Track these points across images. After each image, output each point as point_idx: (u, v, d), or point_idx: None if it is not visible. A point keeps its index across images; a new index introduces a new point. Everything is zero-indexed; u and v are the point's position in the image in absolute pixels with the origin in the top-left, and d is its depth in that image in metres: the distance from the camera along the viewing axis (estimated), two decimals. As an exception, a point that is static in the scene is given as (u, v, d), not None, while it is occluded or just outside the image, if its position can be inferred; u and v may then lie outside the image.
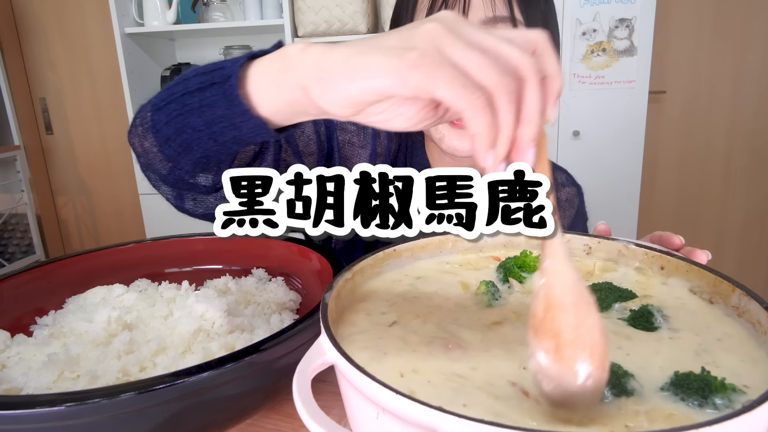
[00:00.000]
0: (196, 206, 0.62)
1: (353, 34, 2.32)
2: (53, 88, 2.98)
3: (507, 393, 0.34)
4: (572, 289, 0.32)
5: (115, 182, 3.07)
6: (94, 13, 2.80)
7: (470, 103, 0.30)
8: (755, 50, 2.55)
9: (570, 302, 0.32)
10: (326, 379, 0.42)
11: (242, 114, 0.43)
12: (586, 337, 0.31)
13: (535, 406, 0.32)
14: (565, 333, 0.31)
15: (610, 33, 2.18)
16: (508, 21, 0.66)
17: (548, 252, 0.33)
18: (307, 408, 0.30)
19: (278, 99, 0.41)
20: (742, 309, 0.41)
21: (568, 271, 0.32)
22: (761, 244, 2.75)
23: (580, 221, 0.92)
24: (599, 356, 0.31)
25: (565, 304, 0.32)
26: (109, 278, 0.66)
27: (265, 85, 0.42)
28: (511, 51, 0.32)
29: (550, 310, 0.32)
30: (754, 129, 2.63)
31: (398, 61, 0.32)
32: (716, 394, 0.32)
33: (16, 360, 0.51)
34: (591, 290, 0.46)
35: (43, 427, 0.36)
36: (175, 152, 0.50)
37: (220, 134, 0.45)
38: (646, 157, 2.40)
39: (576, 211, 0.91)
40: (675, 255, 0.49)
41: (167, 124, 0.48)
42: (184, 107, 0.46)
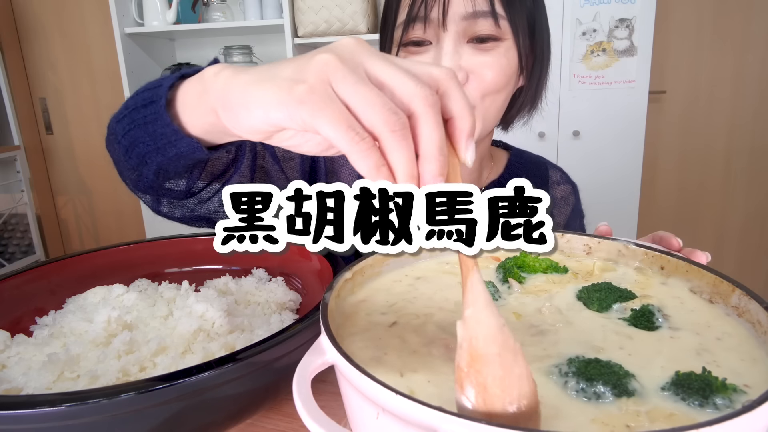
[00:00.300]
0: (173, 210, 0.64)
1: (353, 34, 2.32)
2: (53, 88, 2.99)
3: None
4: (495, 339, 0.30)
5: (115, 182, 3.03)
6: (94, 13, 2.81)
7: (353, 145, 0.30)
8: (755, 50, 2.55)
9: (494, 353, 0.30)
10: (326, 379, 0.42)
11: (174, 133, 0.45)
12: (513, 389, 0.29)
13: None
14: (491, 387, 0.29)
15: (610, 33, 2.18)
16: (489, 16, 0.65)
17: (469, 300, 0.31)
18: (307, 408, 0.30)
19: (200, 121, 0.42)
20: (742, 309, 0.41)
21: (490, 319, 0.31)
22: (761, 244, 2.75)
23: (576, 218, 0.92)
24: (528, 407, 0.30)
25: (489, 355, 0.30)
26: (109, 278, 0.66)
27: (188, 106, 0.43)
28: (406, 85, 0.30)
29: (474, 363, 0.30)
30: (754, 129, 2.63)
31: (286, 95, 0.31)
32: (717, 394, 0.32)
33: (16, 360, 0.51)
34: (589, 290, 0.46)
35: (43, 427, 0.36)
36: (135, 163, 0.52)
37: (164, 150, 0.47)
38: (646, 157, 2.40)
39: (572, 209, 0.91)
40: (675, 255, 0.49)
41: (124, 137, 0.51)
42: (133, 122, 0.49)
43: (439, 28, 0.66)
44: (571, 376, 0.34)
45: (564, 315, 0.44)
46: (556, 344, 0.39)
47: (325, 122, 0.30)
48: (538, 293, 0.48)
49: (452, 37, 0.66)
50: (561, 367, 0.35)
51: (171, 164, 0.50)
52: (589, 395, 0.33)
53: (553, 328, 0.42)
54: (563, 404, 0.33)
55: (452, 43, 0.66)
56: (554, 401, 0.33)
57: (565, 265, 0.52)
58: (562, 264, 0.52)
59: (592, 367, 0.34)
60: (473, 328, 0.31)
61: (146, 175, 0.53)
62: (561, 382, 0.34)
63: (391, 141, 0.30)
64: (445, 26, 0.66)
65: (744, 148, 2.66)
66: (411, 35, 0.69)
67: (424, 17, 0.66)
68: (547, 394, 0.34)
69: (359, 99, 0.30)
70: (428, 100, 0.30)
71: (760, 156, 2.65)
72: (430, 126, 0.30)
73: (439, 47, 0.67)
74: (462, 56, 0.67)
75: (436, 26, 0.67)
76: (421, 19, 0.66)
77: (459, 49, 0.67)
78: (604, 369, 0.34)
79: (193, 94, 0.43)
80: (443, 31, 0.66)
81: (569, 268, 0.52)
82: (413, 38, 0.69)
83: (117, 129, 0.52)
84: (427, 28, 0.67)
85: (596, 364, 0.34)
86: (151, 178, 0.53)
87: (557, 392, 0.34)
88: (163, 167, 0.51)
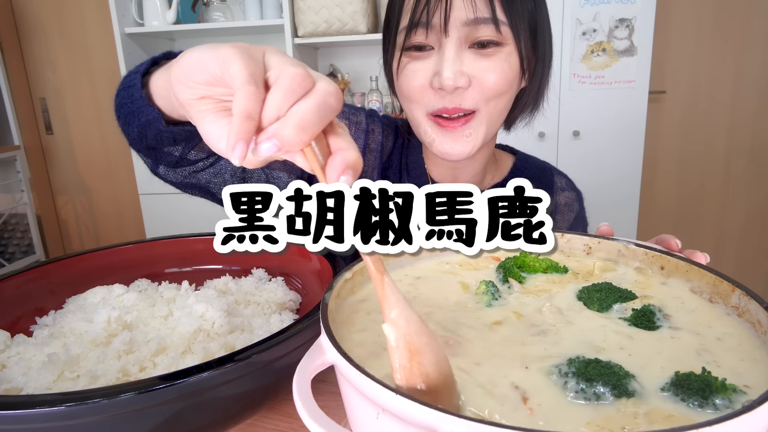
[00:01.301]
0: (168, 174, 0.67)
1: (353, 34, 2.32)
2: (53, 88, 2.99)
3: (505, 393, 0.34)
4: (423, 330, 0.33)
5: (115, 182, 3.07)
6: (94, 13, 2.81)
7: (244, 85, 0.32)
8: (755, 50, 2.55)
9: (426, 342, 0.33)
10: (326, 379, 0.42)
11: (141, 99, 0.52)
12: (446, 366, 0.33)
13: (527, 415, 0.32)
14: (432, 373, 0.32)
15: (610, 33, 2.18)
16: (490, 22, 0.66)
17: (392, 302, 0.33)
18: (307, 408, 0.30)
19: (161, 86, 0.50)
20: (742, 309, 0.41)
21: (413, 314, 0.33)
22: (761, 244, 2.75)
23: (579, 226, 0.92)
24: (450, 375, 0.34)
25: (424, 346, 0.32)
26: (109, 278, 0.66)
27: (158, 75, 0.52)
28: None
29: (415, 357, 0.32)
30: (754, 129, 2.63)
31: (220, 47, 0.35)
32: (717, 395, 0.32)
33: (16, 360, 0.51)
34: (590, 290, 0.46)
35: (43, 427, 0.36)
36: (122, 123, 0.58)
37: (138, 114, 0.54)
38: (646, 157, 2.40)
39: (576, 216, 0.91)
40: (675, 255, 0.49)
41: (117, 96, 0.57)
42: (123, 85, 0.56)
43: (441, 33, 0.67)
44: (571, 376, 0.34)
45: (564, 315, 0.44)
46: (557, 344, 0.39)
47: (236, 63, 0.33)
48: (538, 293, 0.48)
49: (454, 43, 0.67)
50: (561, 368, 0.35)
51: (146, 130, 0.55)
52: (589, 396, 0.33)
53: (553, 328, 0.42)
54: (559, 407, 0.33)
55: (454, 49, 0.67)
56: (551, 404, 0.33)
57: (566, 265, 0.52)
58: (562, 264, 0.52)
59: (591, 367, 0.34)
60: (404, 326, 0.32)
61: (132, 136, 0.58)
62: (561, 383, 0.34)
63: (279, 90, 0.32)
64: (447, 32, 0.67)
65: (744, 148, 2.66)
66: (413, 40, 0.69)
67: (426, 23, 0.67)
68: (546, 395, 0.34)
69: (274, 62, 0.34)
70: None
71: (760, 156, 2.65)
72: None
73: (441, 52, 0.68)
74: (464, 61, 0.68)
75: (438, 32, 0.67)
76: (423, 25, 0.67)
77: (461, 55, 0.67)
78: (604, 369, 0.34)
79: (165, 67, 0.49)
80: (445, 36, 0.67)
81: (569, 268, 0.52)
82: (415, 43, 0.69)
83: (119, 87, 0.58)
84: (429, 34, 0.68)
85: (596, 365, 0.34)
86: (136, 140, 0.58)
87: (556, 394, 0.34)
88: (141, 131, 0.56)
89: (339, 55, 2.72)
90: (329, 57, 2.72)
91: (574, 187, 0.93)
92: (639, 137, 2.27)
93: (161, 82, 0.51)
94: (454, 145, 0.71)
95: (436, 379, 0.32)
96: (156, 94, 0.53)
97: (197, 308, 0.55)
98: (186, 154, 0.63)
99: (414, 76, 0.70)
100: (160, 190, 2.47)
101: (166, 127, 0.54)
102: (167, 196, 2.47)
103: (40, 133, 3.06)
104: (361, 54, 2.69)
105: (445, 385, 0.33)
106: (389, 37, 0.74)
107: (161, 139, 0.57)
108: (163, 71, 0.51)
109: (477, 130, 0.71)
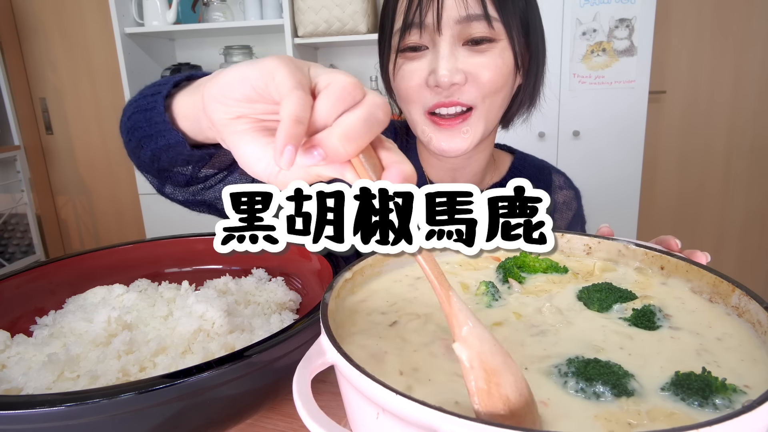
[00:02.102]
0: (175, 193, 0.67)
1: (353, 34, 2.32)
2: (53, 88, 2.99)
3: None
4: (497, 349, 0.31)
5: (115, 182, 3.07)
6: (94, 13, 2.81)
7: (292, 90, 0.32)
8: (755, 50, 2.55)
9: (502, 362, 0.31)
10: (326, 379, 0.42)
11: (164, 123, 0.50)
12: (524, 387, 0.31)
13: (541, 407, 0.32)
14: (512, 394, 0.30)
15: (610, 33, 2.18)
16: (482, 19, 0.67)
17: (461, 319, 0.31)
18: (307, 408, 0.30)
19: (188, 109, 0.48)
20: (742, 309, 0.41)
21: (486, 332, 0.31)
22: (761, 244, 2.75)
23: (577, 224, 0.92)
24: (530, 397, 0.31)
25: (500, 365, 0.31)
26: (109, 278, 0.66)
27: (182, 98, 0.49)
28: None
29: (492, 378, 0.30)
30: (754, 129, 2.63)
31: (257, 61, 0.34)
32: (717, 395, 0.32)
33: (16, 360, 0.51)
34: (590, 291, 0.46)
35: (43, 427, 0.36)
36: (134, 146, 0.57)
37: (156, 137, 0.52)
38: (646, 157, 2.40)
39: (574, 214, 0.91)
40: (675, 255, 0.49)
41: (129, 119, 0.56)
42: (138, 107, 0.54)
43: (435, 32, 0.68)
44: (570, 376, 0.34)
45: (564, 315, 0.44)
46: (556, 344, 0.39)
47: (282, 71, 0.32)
48: (538, 293, 0.48)
49: (448, 41, 0.68)
50: (560, 368, 0.35)
51: (162, 153, 0.53)
52: (589, 395, 0.33)
53: (553, 328, 0.42)
54: (565, 403, 0.33)
55: (448, 46, 0.68)
56: (555, 400, 0.33)
57: (566, 265, 0.52)
58: (563, 264, 0.52)
59: (591, 367, 0.34)
60: (478, 345, 0.31)
61: (143, 159, 0.57)
62: (561, 382, 0.34)
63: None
64: (440, 30, 0.68)
65: (744, 148, 2.66)
66: (408, 41, 0.70)
67: (419, 23, 0.68)
68: (547, 394, 0.34)
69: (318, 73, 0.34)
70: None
71: (760, 156, 2.65)
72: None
73: (435, 51, 0.69)
74: (458, 59, 0.68)
75: (431, 31, 0.68)
76: (417, 25, 0.68)
77: (455, 52, 0.68)
78: (603, 369, 0.34)
79: (191, 88, 0.48)
80: (438, 35, 0.68)
81: (569, 268, 0.52)
82: (410, 44, 0.70)
83: (126, 111, 0.57)
84: (423, 34, 0.69)
85: (595, 364, 0.34)
86: (147, 162, 0.57)
87: (557, 392, 0.34)
88: (156, 155, 0.54)
89: (339, 55, 2.72)
90: (329, 57, 2.72)
91: (572, 185, 0.93)
92: (639, 137, 2.27)
93: (190, 103, 0.48)
94: (451, 141, 0.72)
95: (517, 402, 0.30)
96: (181, 116, 0.50)
97: (197, 308, 0.55)
98: (197, 173, 0.61)
99: (410, 76, 0.71)
100: (160, 190, 2.47)
101: (190, 150, 0.51)
102: (167, 196, 2.47)
103: (40, 133, 3.06)
104: (361, 54, 2.69)
105: (527, 408, 0.31)
106: (384, 40, 0.75)
107: (176, 161, 0.55)
108: (191, 91, 0.49)
109: (474, 127, 0.72)
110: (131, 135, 0.55)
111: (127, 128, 0.56)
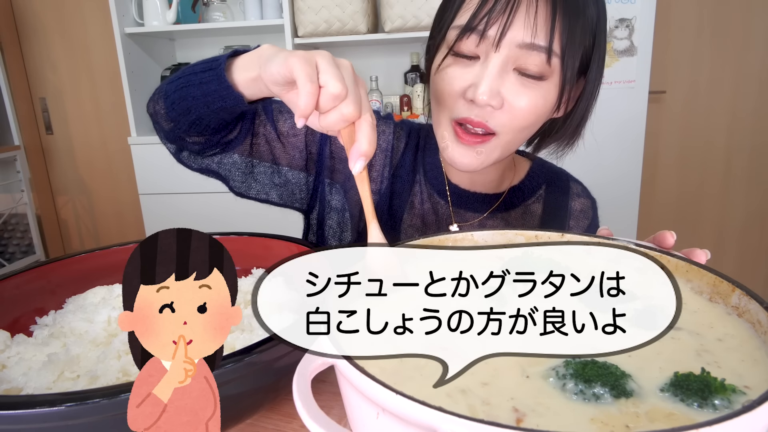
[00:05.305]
0: (190, 161, 0.79)
1: (353, 34, 2.32)
2: (53, 88, 2.99)
3: (499, 402, 0.34)
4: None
5: (115, 182, 3.07)
6: (94, 13, 2.81)
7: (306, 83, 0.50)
8: (755, 50, 2.55)
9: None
10: (326, 379, 0.42)
11: (227, 89, 0.63)
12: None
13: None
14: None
15: (610, 33, 2.18)
16: (544, 52, 0.64)
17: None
18: (307, 408, 0.30)
19: (247, 77, 0.62)
20: (742, 309, 0.41)
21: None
22: (761, 244, 2.75)
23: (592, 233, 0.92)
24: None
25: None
26: (109, 278, 0.66)
27: (242, 68, 0.62)
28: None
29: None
30: (753, 129, 2.63)
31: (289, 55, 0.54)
32: (716, 395, 0.32)
33: (16, 360, 0.51)
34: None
35: (43, 427, 0.36)
36: (177, 114, 0.68)
37: (211, 103, 0.65)
38: (646, 157, 2.40)
39: (590, 223, 0.91)
40: (675, 255, 0.49)
41: (176, 92, 0.68)
42: (188, 82, 0.66)
43: (492, 47, 0.65)
44: (569, 378, 0.34)
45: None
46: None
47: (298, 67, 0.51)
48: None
49: (501, 60, 0.65)
50: (558, 370, 0.35)
51: (210, 115, 0.67)
52: (588, 396, 0.33)
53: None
54: (561, 405, 0.33)
55: (499, 66, 0.65)
56: (553, 402, 0.33)
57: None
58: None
59: (589, 368, 0.34)
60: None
61: (181, 126, 0.69)
62: (559, 385, 0.34)
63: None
64: (498, 47, 0.65)
65: (744, 148, 2.66)
66: (463, 47, 0.67)
67: (482, 31, 0.65)
68: (546, 395, 0.34)
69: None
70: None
71: (760, 155, 2.65)
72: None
73: (485, 66, 0.66)
74: (504, 82, 0.66)
75: (489, 44, 0.65)
76: (478, 32, 0.65)
77: (503, 75, 0.66)
78: (601, 370, 0.34)
79: (249, 59, 0.62)
80: (495, 50, 0.65)
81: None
82: (464, 52, 0.68)
83: (169, 88, 0.69)
84: (481, 43, 0.66)
85: (593, 366, 0.34)
86: (185, 128, 0.69)
87: (556, 394, 0.34)
88: (201, 117, 0.67)
89: (339, 55, 2.67)
90: (329, 57, 2.72)
91: (589, 194, 0.93)
92: (639, 137, 2.27)
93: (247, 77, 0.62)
94: (463, 157, 0.71)
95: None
96: (242, 86, 0.63)
97: (197, 308, 0.55)
98: (206, 142, 0.75)
99: (451, 81, 0.69)
100: (160, 190, 2.47)
101: (247, 105, 0.65)
102: (167, 196, 2.47)
103: (40, 133, 3.06)
104: (361, 54, 2.69)
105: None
106: (442, 29, 0.71)
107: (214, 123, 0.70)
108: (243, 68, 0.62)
109: (490, 153, 0.71)
110: (176, 105, 0.68)
111: (172, 101, 0.68)
